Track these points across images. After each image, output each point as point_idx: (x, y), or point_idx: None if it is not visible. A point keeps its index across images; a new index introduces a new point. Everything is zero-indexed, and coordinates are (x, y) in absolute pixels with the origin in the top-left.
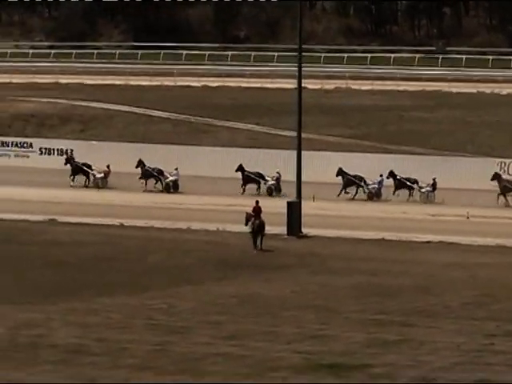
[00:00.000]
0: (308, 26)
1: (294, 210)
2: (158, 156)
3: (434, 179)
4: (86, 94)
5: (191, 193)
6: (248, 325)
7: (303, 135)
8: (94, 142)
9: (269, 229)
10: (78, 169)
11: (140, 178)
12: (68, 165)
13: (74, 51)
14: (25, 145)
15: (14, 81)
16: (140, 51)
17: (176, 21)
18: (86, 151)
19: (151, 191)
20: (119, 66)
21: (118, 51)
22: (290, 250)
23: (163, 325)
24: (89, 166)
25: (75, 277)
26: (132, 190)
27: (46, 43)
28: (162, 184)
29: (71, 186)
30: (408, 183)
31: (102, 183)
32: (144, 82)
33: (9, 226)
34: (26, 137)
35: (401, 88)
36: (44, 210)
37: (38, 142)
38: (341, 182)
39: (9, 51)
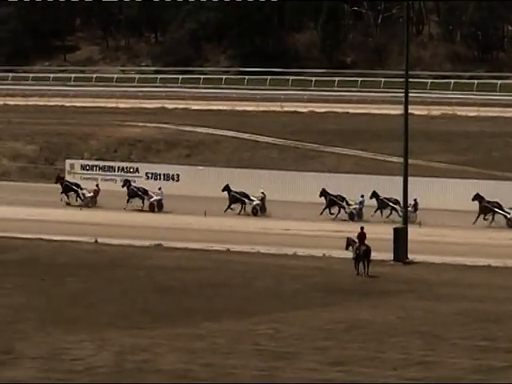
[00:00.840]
0: (415, 52)
1: (400, 235)
2: (263, 181)
3: (415, 200)
4: (192, 119)
5: (297, 219)
6: (354, 351)
7: (409, 161)
8: (200, 167)
9: (375, 255)
10: (69, 188)
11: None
12: (59, 184)
13: (180, 76)
14: (131, 170)
15: (121, 106)
16: (247, 76)
17: (283, 46)
18: (193, 176)
19: (140, 210)
20: (225, 91)
21: (224, 76)
22: (397, 275)
23: (269, 350)
24: (78, 186)
25: (181, 302)
26: (242, 215)
27: (153, 68)
28: (150, 203)
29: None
30: (390, 204)
31: (91, 202)
32: (250, 107)
33: (116, 251)
34: (132, 162)
35: (507, 114)
36: (150, 234)
37: (145, 167)
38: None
39: (115, 76)
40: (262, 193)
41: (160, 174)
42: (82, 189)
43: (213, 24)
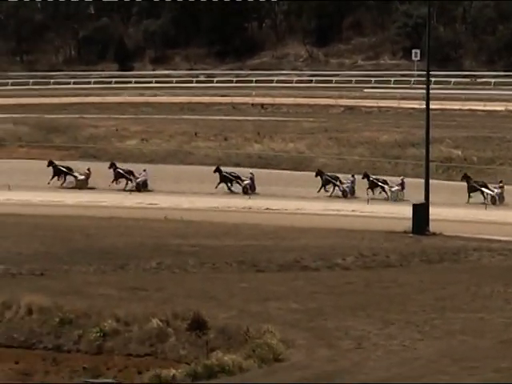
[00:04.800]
0: None
1: None
2: None
3: (402, 179)
4: None
5: None
6: None
7: None
8: None
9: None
10: (59, 171)
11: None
12: (51, 167)
13: None
14: None
15: None
16: None
17: None
18: None
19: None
20: None
21: None
22: None
23: None
24: (69, 169)
25: None
26: None
27: None
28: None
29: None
30: (379, 183)
31: (82, 185)
32: None
33: None
34: None
35: None
36: None
37: None
38: None
39: None
40: (251, 173)
41: None
42: (73, 172)
43: None
